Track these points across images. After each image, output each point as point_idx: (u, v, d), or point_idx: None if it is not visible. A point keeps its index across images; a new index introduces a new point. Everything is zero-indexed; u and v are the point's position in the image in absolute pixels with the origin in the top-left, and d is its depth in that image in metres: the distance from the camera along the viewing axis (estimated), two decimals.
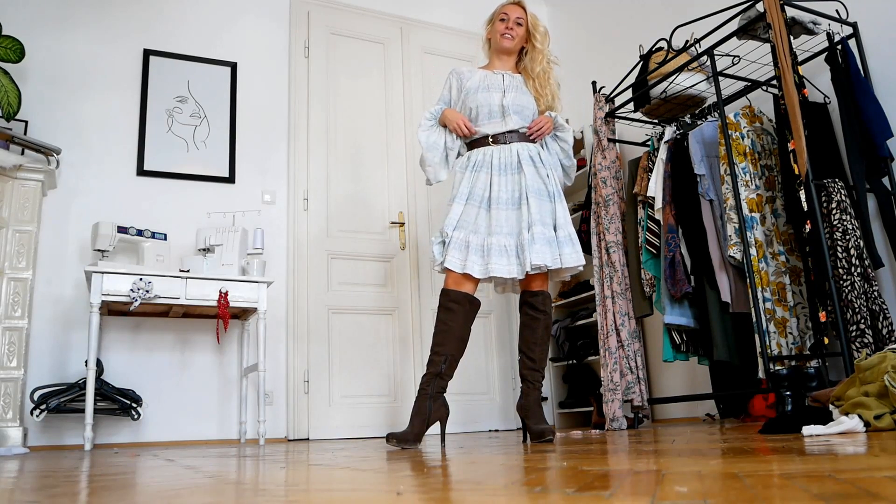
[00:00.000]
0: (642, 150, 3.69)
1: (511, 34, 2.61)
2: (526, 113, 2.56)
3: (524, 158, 2.48)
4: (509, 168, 2.47)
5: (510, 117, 2.52)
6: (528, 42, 2.66)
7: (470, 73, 2.66)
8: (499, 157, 2.48)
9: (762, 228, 2.89)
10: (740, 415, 3.27)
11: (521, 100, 2.56)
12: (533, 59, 2.63)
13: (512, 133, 2.52)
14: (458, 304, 2.37)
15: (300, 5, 4.45)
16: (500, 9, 2.68)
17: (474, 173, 2.48)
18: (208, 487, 1.05)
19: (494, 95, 2.55)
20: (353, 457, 1.82)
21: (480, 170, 2.48)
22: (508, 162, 2.48)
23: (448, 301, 2.37)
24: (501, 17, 2.65)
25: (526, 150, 2.51)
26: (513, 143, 2.51)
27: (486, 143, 2.53)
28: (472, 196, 2.45)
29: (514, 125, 2.52)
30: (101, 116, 3.79)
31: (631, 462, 1.17)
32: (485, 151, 2.51)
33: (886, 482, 0.70)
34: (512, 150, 2.50)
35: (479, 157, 2.51)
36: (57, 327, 3.43)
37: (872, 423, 1.68)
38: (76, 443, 3.28)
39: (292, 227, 4.07)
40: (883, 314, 2.57)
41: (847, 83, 2.80)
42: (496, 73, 2.63)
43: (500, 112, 2.53)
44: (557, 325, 4.41)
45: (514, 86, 2.60)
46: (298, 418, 3.79)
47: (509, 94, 2.56)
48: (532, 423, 2.35)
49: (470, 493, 0.84)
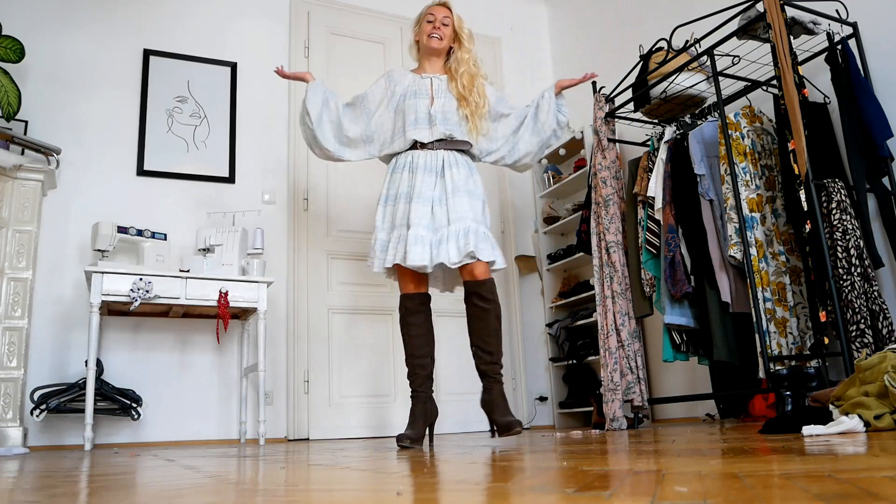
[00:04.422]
0: (642, 150, 3.69)
1: (438, 34, 2.63)
2: (452, 119, 2.58)
3: (448, 163, 2.52)
4: (434, 170, 2.51)
5: (436, 127, 2.54)
6: (455, 41, 2.68)
7: (401, 76, 2.69)
8: (424, 160, 2.52)
9: (762, 228, 2.89)
10: (740, 415, 3.27)
11: (448, 106, 2.58)
12: (458, 61, 2.65)
13: (440, 141, 2.55)
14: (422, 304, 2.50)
15: (300, 5, 4.45)
16: (426, 10, 2.70)
17: (397, 174, 2.54)
18: (208, 487, 1.05)
19: (421, 102, 2.58)
20: (353, 457, 1.82)
21: (403, 170, 2.53)
22: (434, 165, 2.52)
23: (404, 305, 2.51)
24: (428, 17, 2.67)
25: (452, 156, 2.55)
26: (439, 150, 2.55)
27: (415, 148, 2.56)
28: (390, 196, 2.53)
29: (440, 134, 2.54)
30: (101, 116, 3.79)
31: (631, 462, 1.17)
32: (413, 154, 2.55)
33: (886, 482, 0.70)
34: (438, 156, 2.54)
35: (405, 159, 2.56)
36: (57, 327, 3.43)
37: (872, 423, 1.68)
38: (76, 443, 3.28)
39: (292, 227, 4.07)
40: (883, 314, 2.57)
41: (847, 83, 2.80)
42: (424, 78, 2.65)
43: (427, 120, 2.56)
44: (557, 324, 4.41)
45: (442, 90, 2.62)
46: (298, 418, 3.79)
47: (437, 101, 2.59)
48: (498, 416, 2.32)
49: (470, 493, 0.84)
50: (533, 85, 5.08)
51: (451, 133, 2.54)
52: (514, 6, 5.27)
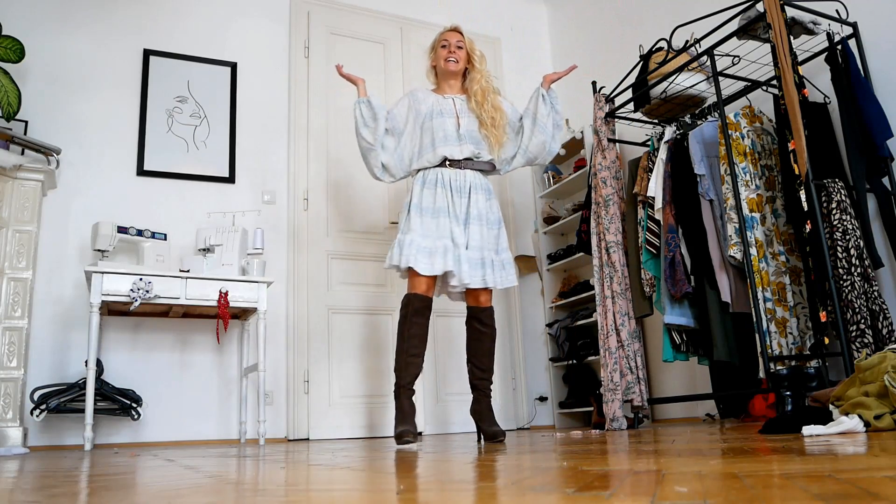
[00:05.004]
0: (642, 150, 3.69)
1: (454, 57, 2.84)
2: (476, 137, 2.78)
3: (474, 186, 2.73)
4: (462, 190, 2.71)
5: (465, 145, 2.75)
6: (468, 63, 2.89)
7: (424, 96, 2.88)
8: (454, 179, 2.72)
9: (762, 228, 2.89)
10: (740, 415, 3.27)
11: (471, 125, 2.79)
12: (472, 79, 2.85)
13: (467, 160, 2.76)
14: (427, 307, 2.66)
15: (300, 5, 4.45)
16: (439, 37, 2.92)
17: (429, 189, 2.71)
18: (208, 487, 1.05)
19: (448, 121, 2.78)
20: (353, 457, 1.82)
21: (436, 186, 2.71)
22: (462, 185, 2.72)
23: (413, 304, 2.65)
24: (442, 43, 2.88)
25: (477, 179, 2.76)
26: (466, 169, 2.75)
27: (443, 165, 2.75)
28: (426, 209, 2.69)
29: (468, 153, 2.75)
30: (101, 116, 3.79)
31: (631, 462, 1.17)
32: (441, 172, 2.73)
33: (886, 482, 0.70)
34: (465, 177, 2.74)
35: (435, 175, 2.73)
36: (57, 327, 3.43)
37: (872, 423, 1.68)
38: (76, 443, 3.28)
39: (292, 227, 4.07)
40: (883, 314, 2.57)
41: (847, 83, 2.80)
42: (446, 98, 2.85)
43: (457, 138, 2.75)
44: (557, 324, 4.42)
45: (465, 111, 2.82)
46: (298, 418, 3.79)
47: (462, 120, 2.79)
48: (485, 426, 2.63)
49: (469, 493, 0.84)
50: (533, 85, 5.08)
51: (478, 152, 2.77)
52: (514, 6, 5.27)
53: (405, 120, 2.84)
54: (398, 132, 2.84)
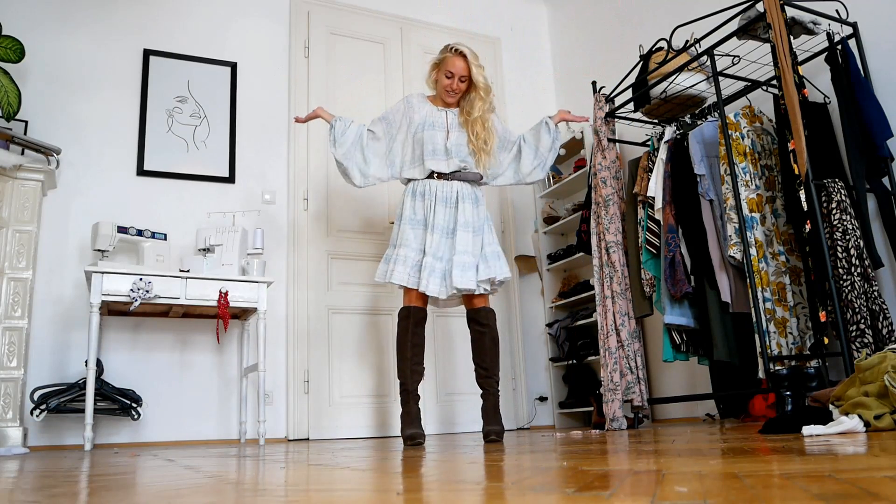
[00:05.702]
0: (642, 150, 3.69)
1: (454, 92, 2.86)
2: (464, 152, 2.83)
3: (462, 195, 2.79)
4: (449, 200, 2.79)
5: (452, 159, 2.81)
6: (472, 87, 2.86)
7: (420, 105, 2.92)
8: (441, 190, 2.79)
9: (762, 228, 2.89)
10: (740, 415, 3.27)
11: (460, 139, 2.84)
12: (473, 106, 2.85)
13: (455, 173, 2.82)
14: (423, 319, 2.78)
15: (300, 5, 4.45)
16: (447, 63, 2.84)
17: (418, 200, 2.79)
18: (208, 487, 1.05)
19: (439, 135, 2.83)
20: (353, 457, 1.82)
21: (424, 197, 2.79)
22: (449, 195, 2.79)
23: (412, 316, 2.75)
24: (447, 73, 2.83)
25: (465, 188, 2.82)
26: (454, 181, 2.82)
27: (431, 178, 2.82)
28: (416, 221, 2.77)
29: (455, 166, 2.82)
30: (101, 116, 3.79)
31: (631, 462, 1.17)
32: (430, 183, 2.81)
33: (886, 482, 0.70)
34: (452, 187, 2.81)
35: (423, 187, 2.81)
36: (57, 327, 3.43)
37: (872, 423, 1.68)
38: (76, 443, 3.29)
39: (292, 227, 4.07)
40: (883, 314, 2.57)
41: (847, 83, 2.79)
42: (440, 111, 2.90)
43: (444, 152, 2.81)
44: (557, 324, 4.42)
45: (455, 125, 2.86)
46: (298, 418, 3.79)
47: (452, 135, 2.83)
48: (484, 424, 2.71)
49: (470, 493, 0.84)
50: (533, 85, 5.09)
51: (465, 165, 2.82)
52: (514, 6, 5.27)
53: (399, 125, 2.92)
54: (391, 136, 2.92)
